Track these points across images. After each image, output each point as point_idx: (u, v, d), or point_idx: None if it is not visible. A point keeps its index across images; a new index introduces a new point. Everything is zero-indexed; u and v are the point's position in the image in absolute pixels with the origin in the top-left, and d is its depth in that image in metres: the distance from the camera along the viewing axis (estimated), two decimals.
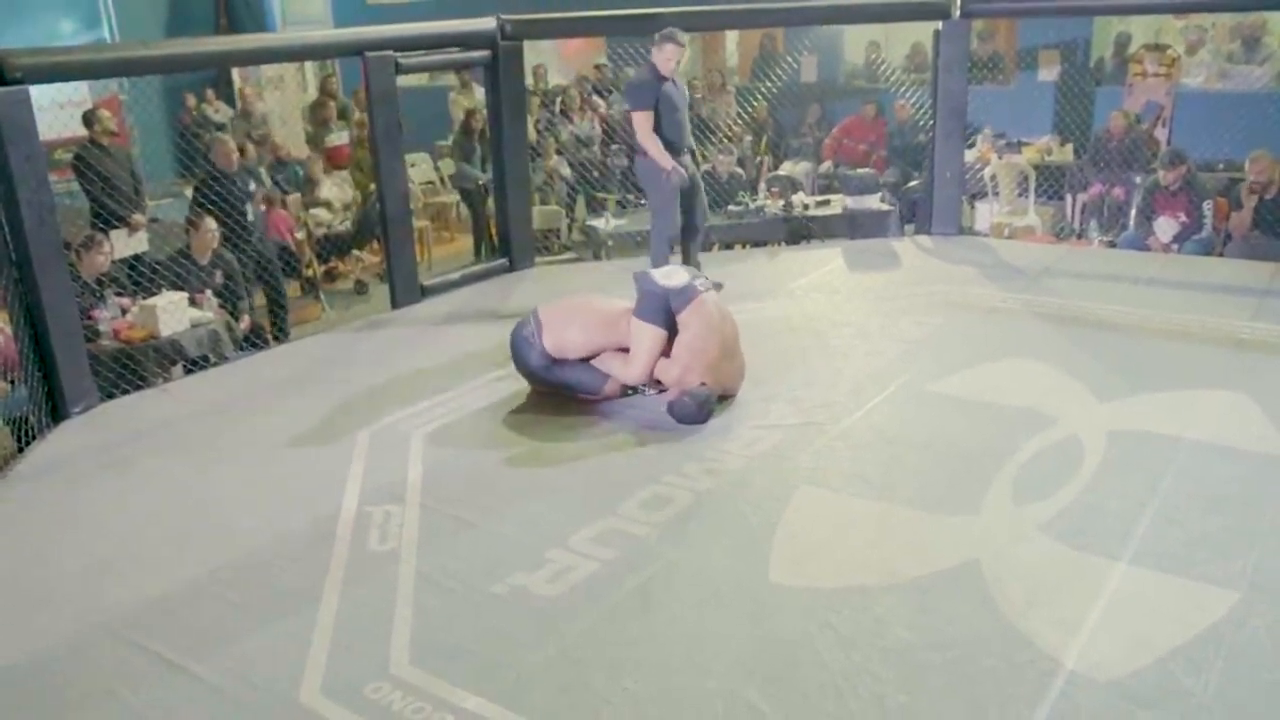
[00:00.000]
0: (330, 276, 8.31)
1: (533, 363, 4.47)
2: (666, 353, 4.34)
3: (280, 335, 6.49)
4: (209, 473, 4.01)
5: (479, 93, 8.98)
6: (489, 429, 4.32)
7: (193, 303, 5.74)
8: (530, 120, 8.06)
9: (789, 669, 2.72)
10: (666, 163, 5.59)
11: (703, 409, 4.20)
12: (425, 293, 6.21)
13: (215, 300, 5.94)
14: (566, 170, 9.03)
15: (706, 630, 2.89)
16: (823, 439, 4.07)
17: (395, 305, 6.09)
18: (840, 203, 7.76)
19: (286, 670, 2.77)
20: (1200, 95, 8.43)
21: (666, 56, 5.55)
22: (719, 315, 4.40)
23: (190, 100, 10.73)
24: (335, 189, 8.63)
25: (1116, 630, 2.81)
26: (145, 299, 5.60)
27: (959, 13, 6.81)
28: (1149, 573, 3.07)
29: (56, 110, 7.74)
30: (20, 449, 4.34)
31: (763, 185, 8.09)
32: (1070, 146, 8.50)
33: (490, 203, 7.68)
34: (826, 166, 8.97)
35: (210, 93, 11.04)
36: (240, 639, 2.92)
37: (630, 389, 4.49)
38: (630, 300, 4.42)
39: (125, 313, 5.58)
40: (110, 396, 4.85)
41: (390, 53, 5.74)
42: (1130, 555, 3.16)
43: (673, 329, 4.32)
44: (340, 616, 3.01)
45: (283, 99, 11.74)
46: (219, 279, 6.11)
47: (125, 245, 5.98)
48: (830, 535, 3.38)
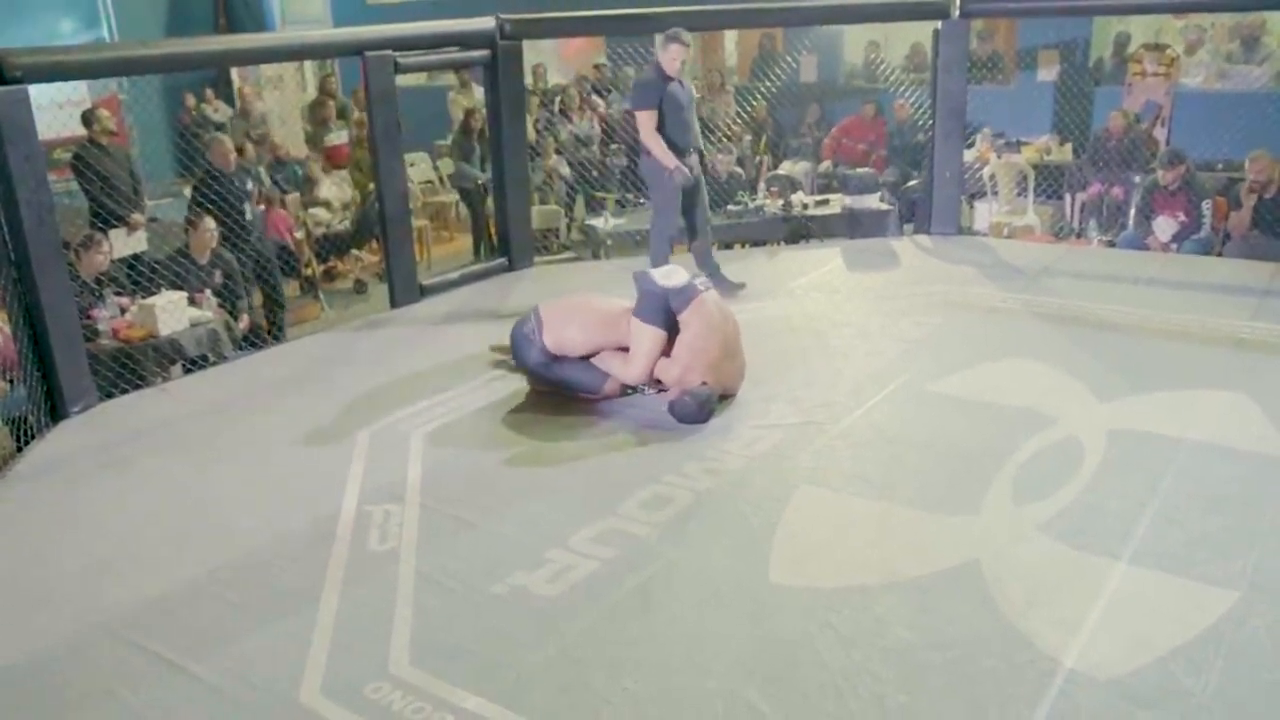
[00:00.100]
0: (329, 276, 8.31)
1: (533, 360, 4.47)
2: (667, 352, 4.33)
3: (277, 335, 6.47)
4: (208, 472, 4.01)
5: (478, 92, 8.97)
6: (489, 428, 4.32)
7: (192, 302, 5.74)
8: (529, 120, 8.05)
9: (789, 669, 2.72)
10: (669, 162, 5.58)
11: (704, 408, 4.20)
12: (424, 292, 6.22)
13: (214, 300, 5.94)
14: (566, 170, 9.03)
15: (706, 630, 2.89)
16: (823, 439, 4.07)
17: (394, 305, 6.09)
18: (839, 202, 7.76)
19: (286, 670, 2.77)
20: (1199, 95, 8.43)
21: (671, 56, 5.55)
22: (720, 315, 4.40)
23: (190, 100, 10.72)
24: (334, 188, 8.62)
25: (1116, 630, 2.81)
26: (144, 298, 5.60)
27: (958, 12, 6.81)
28: (1149, 572, 3.08)
29: (55, 110, 7.74)
30: (19, 449, 4.34)
31: (762, 185, 8.09)
32: (1069, 146, 8.50)
33: (489, 202, 7.68)
34: (826, 166, 8.97)
35: (210, 92, 11.03)
36: (240, 639, 2.92)
37: (630, 389, 4.49)
38: (630, 299, 4.42)
39: (124, 312, 5.57)
40: (109, 396, 4.85)
41: (389, 52, 5.74)
42: (1130, 555, 3.16)
43: (673, 329, 4.32)
44: (340, 616, 3.00)
45: (282, 98, 11.73)
46: (218, 278, 6.11)
47: (124, 245, 5.99)
48: (830, 535, 3.38)
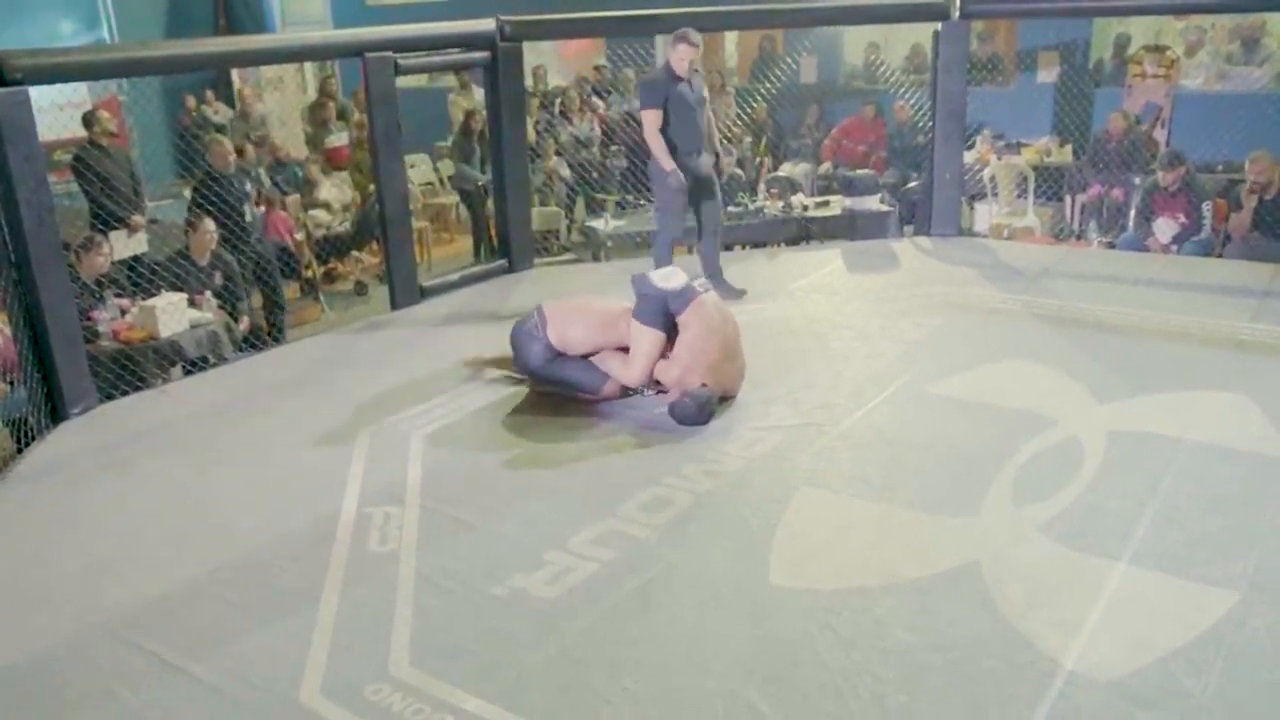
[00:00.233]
0: (330, 277, 8.30)
1: (535, 356, 4.46)
2: (666, 354, 4.34)
3: (277, 337, 6.48)
4: (208, 473, 4.01)
5: (478, 94, 8.97)
6: (488, 430, 4.32)
7: (192, 304, 5.73)
8: (530, 121, 8.05)
9: (789, 669, 2.71)
10: (666, 164, 5.59)
11: (703, 410, 4.20)
12: (424, 294, 6.22)
13: (214, 301, 5.94)
14: (566, 171, 9.03)
15: (706, 631, 2.89)
16: (823, 440, 4.07)
17: (395, 306, 6.09)
18: (840, 204, 7.77)
19: (286, 671, 2.77)
20: (1199, 96, 8.43)
21: (679, 56, 5.56)
22: (719, 316, 4.40)
23: (190, 101, 10.73)
24: (334, 190, 8.62)
25: (1116, 631, 2.81)
26: (144, 300, 5.59)
27: (958, 14, 6.82)
28: (1149, 573, 3.08)
29: (56, 111, 7.74)
30: (19, 450, 4.34)
31: (762, 186, 8.09)
32: (1069, 148, 8.50)
33: (489, 204, 7.68)
34: (826, 168, 8.97)
35: (210, 94, 11.04)
36: (240, 639, 2.92)
37: (630, 390, 4.49)
38: (631, 301, 4.42)
39: (124, 314, 5.57)
40: (109, 397, 4.85)
41: (390, 54, 5.75)
42: (1130, 556, 3.16)
43: (672, 331, 4.32)
44: (340, 617, 3.01)
45: (282, 100, 11.74)
46: (218, 280, 6.11)
47: (124, 246, 5.98)
48: (830, 536, 3.38)
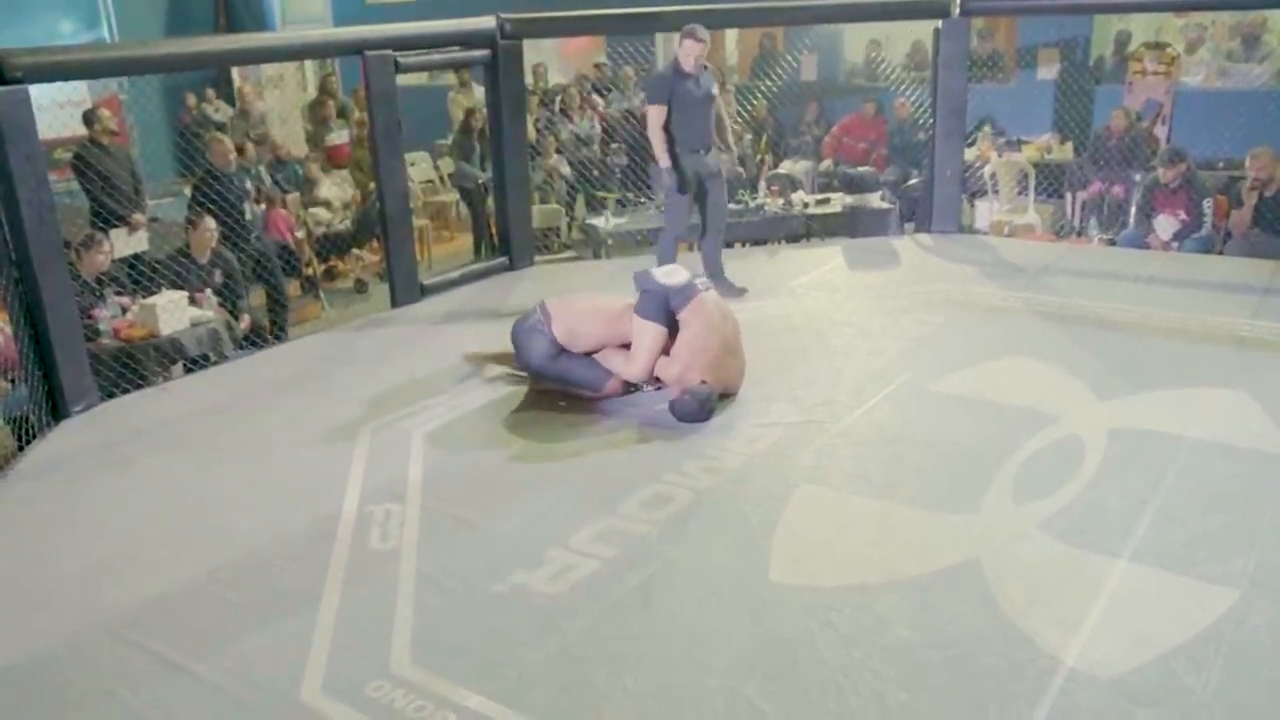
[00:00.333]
0: (330, 275, 8.30)
1: (540, 351, 4.44)
2: (667, 350, 4.34)
3: (279, 335, 6.48)
4: (209, 472, 4.02)
5: (478, 92, 8.97)
6: (489, 428, 4.32)
7: (193, 301, 5.74)
8: (530, 119, 8.05)
9: (789, 667, 2.72)
10: (663, 160, 5.63)
11: (704, 407, 4.20)
12: (425, 291, 6.22)
13: (215, 299, 5.94)
14: (566, 169, 9.02)
15: (707, 628, 2.89)
16: (823, 437, 4.07)
17: (395, 304, 6.09)
18: (840, 201, 7.76)
19: (287, 669, 2.77)
20: (1200, 93, 8.43)
21: (686, 52, 5.58)
22: (720, 314, 4.40)
23: (190, 99, 10.73)
24: (335, 188, 8.62)
25: (1117, 628, 2.81)
26: (145, 298, 5.60)
27: (959, 11, 6.81)
28: (1150, 571, 3.07)
29: (56, 110, 7.74)
30: (21, 448, 4.34)
31: (762, 183, 8.09)
32: (1070, 145, 8.49)
33: (490, 202, 7.68)
34: (827, 165, 8.97)
35: (210, 92, 11.04)
36: (241, 638, 2.92)
37: (631, 386, 4.50)
38: (633, 298, 4.42)
39: (125, 312, 5.57)
40: (110, 395, 4.85)
41: (390, 52, 5.74)
42: (1131, 553, 3.16)
43: (673, 327, 4.33)
44: (341, 615, 3.01)
45: (282, 98, 11.73)
46: (218, 278, 6.11)
47: (125, 244, 5.98)
48: (831, 534, 3.38)
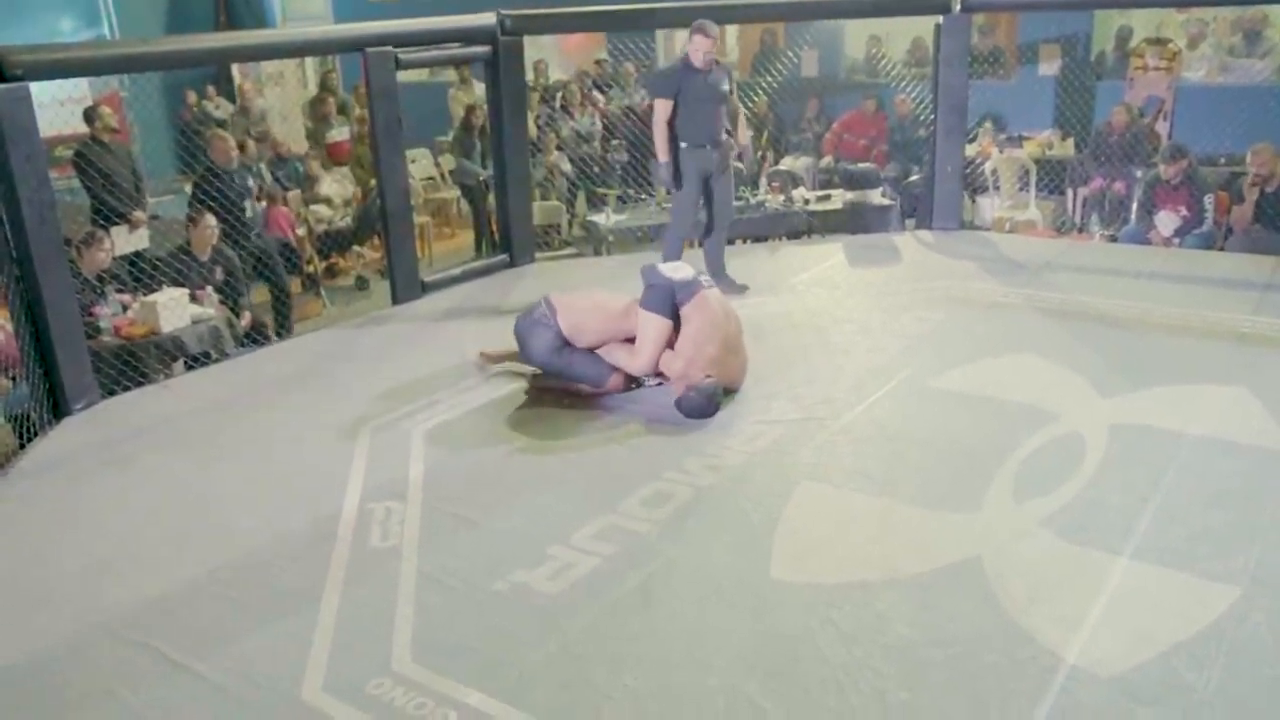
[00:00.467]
0: (331, 272, 8.31)
1: (544, 345, 4.44)
2: (672, 345, 4.35)
3: (284, 331, 6.50)
4: (210, 470, 4.02)
5: (479, 88, 8.96)
6: (490, 425, 4.32)
7: (194, 299, 5.74)
8: (530, 116, 8.04)
9: (790, 665, 2.72)
10: (661, 155, 5.68)
11: (711, 402, 4.21)
12: (426, 288, 6.22)
13: (216, 296, 5.94)
14: (567, 166, 9.02)
15: (707, 626, 2.89)
16: (824, 434, 4.07)
17: (396, 301, 6.09)
18: (841, 197, 7.75)
19: (288, 668, 2.77)
20: (1201, 89, 8.41)
21: (694, 48, 5.60)
22: (722, 311, 4.41)
23: (191, 97, 10.72)
24: (336, 185, 8.61)
25: (1118, 626, 2.81)
26: (146, 295, 5.60)
27: (960, 7, 6.79)
28: (1151, 568, 3.07)
29: (57, 107, 7.74)
30: (22, 446, 4.35)
31: (763, 180, 8.08)
32: (1071, 141, 8.48)
33: (491, 198, 7.67)
34: (827, 161, 8.95)
35: (211, 89, 11.03)
36: (241, 637, 2.92)
37: (633, 383, 4.50)
38: (636, 294, 4.43)
39: (126, 309, 5.57)
40: (111, 393, 4.86)
41: (390, 48, 5.74)
42: (1132, 550, 3.16)
43: (678, 321, 4.34)
44: (342, 614, 3.01)
45: (283, 95, 11.72)
46: (219, 275, 6.11)
47: (126, 242, 5.98)
48: (831, 531, 3.38)
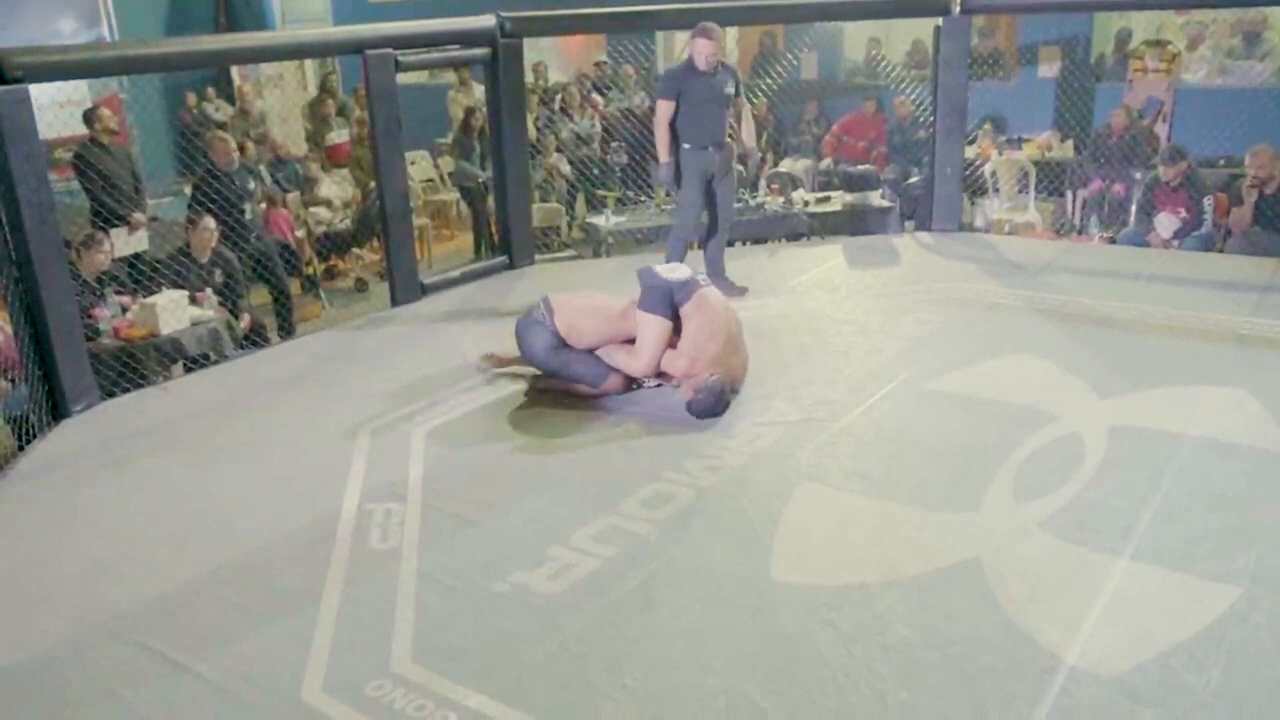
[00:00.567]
0: (330, 274, 8.31)
1: (541, 344, 4.44)
2: (672, 345, 4.35)
3: (287, 331, 6.51)
4: (209, 471, 4.01)
5: (477, 90, 8.96)
6: (490, 426, 4.32)
7: (193, 301, 5.74)
8: (530, 118, 8.05)
9: (790, 665, 2.72)
10: (661, 156, 5.74)
11: (720, 400, 4.22)
12: (425, 290, 6.22)
13: (215, 298, 5.94)
14: (566, 168, 9.03)
15: (707, 627, 2.89)
16: (823, 436, 4.07)
17: (395, 303, 6.09)
18: (840, 199, 7.76)
19: (288, 669, 2.77)
20: (1201, 91, 8.42)
21: (696, 51, 5.63)
22: (722, 309, 4.42)
23: (191, 98, 10.73)
24: (335, 187, 8.62)
25: (1118, 627, 2.81)
26: (145, 297, 5.60)
27: (959, 9, 6.80)
28: (1150, 569, 3.07)
29: (56, 109, 7.75)
30: (21, 447, 4.34)
31: (763, 182, 8.09)
32: (1070, 143, 8.49)
33: (490, 200, 7.68)
34: (827, 163, 8.96)
35: (211, 91, 11.04)
36: (241, 638, 2.92)
37: (633, 383, 4.50)
38: (635, 296, 4.43)
39: (125, 311, 5.57)
40: (111, 395, 4.85)
41: (390, 50, 5.74)
42: (1131, 551, 3.16)
43: (676, 322, 4.34)
44: (341, 615, 3.01)
45: (283, 97, 11.73)
46: (219, 277, 6.11)
47: (125, 244, 5.98)
48: (831, 532, 3.38)
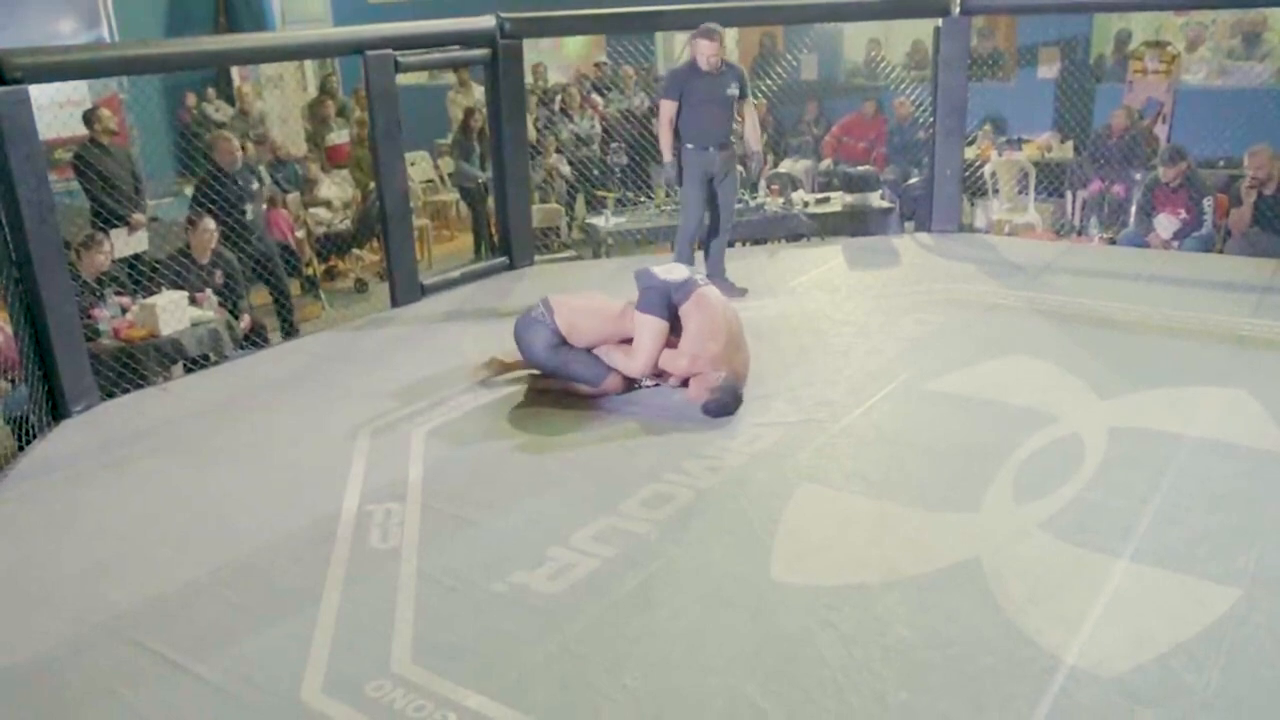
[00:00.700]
0: (330, 275, 8.31)
1: (541, 343, 4.44)
2: (673, 345, 4.35)
3: (289, 331, 6.51)
4: (209, 472, 4.02)
5: (478, 91, 8.97)
6: (489, 427, 4.32)
7: (193, 302, 5.74)
8: (530, 118, 8.05)
9: (790, 666, 2.72)
10: (664, 155, 5.77)
11: (734, 397, 4.24)
12: (425, 291, 6.22)
13: (215, 299, 5.94)
14: (566, 168, 9.03)
15: (707, 627, 2.90)
16: (823, 437, 4.07)
17: (395, 304, 6.09)
18: (840, 200, 7.76)
19: (288, 669, 2.77)
20: (1200, 92, 8.43)
21: (698, 51, 5.65)
22: (722, 307, 4.41)
23: (191, 99, 10.73)
24: (335, 188, 8.62)
25: (1118, 627, 2.81)
26: (145, 298, 5.60)
27: (959, 10, 6.80)
28: (1150, 570, 3.07)
29: (56, 110, 7.75)
30: (21, 448, 4.34)
31: (762, 182, 8.08)
32: (1070, 143, 8.49)
33: (490, 201, 7.68)
34: (827, 164, 8.96)
35: (211, 91, 11.04)
36: (241, 638, 2.92)
37: (632, 384, 4.50)
38: (633, 297, 4.44)
39: (125, 312, 5.57)
40: (110, 395, 4.85)
41: (390, 51, 5.74)
42: (1131, 552, 3.16)
43: (675, 322, 4.34)
44: (341, 615, 3.01)
45: (283, 98, 11.73)
46: (219, 278, 6.11)
47: (125, 244, 5.99)
48: (831, 533, 3.38)
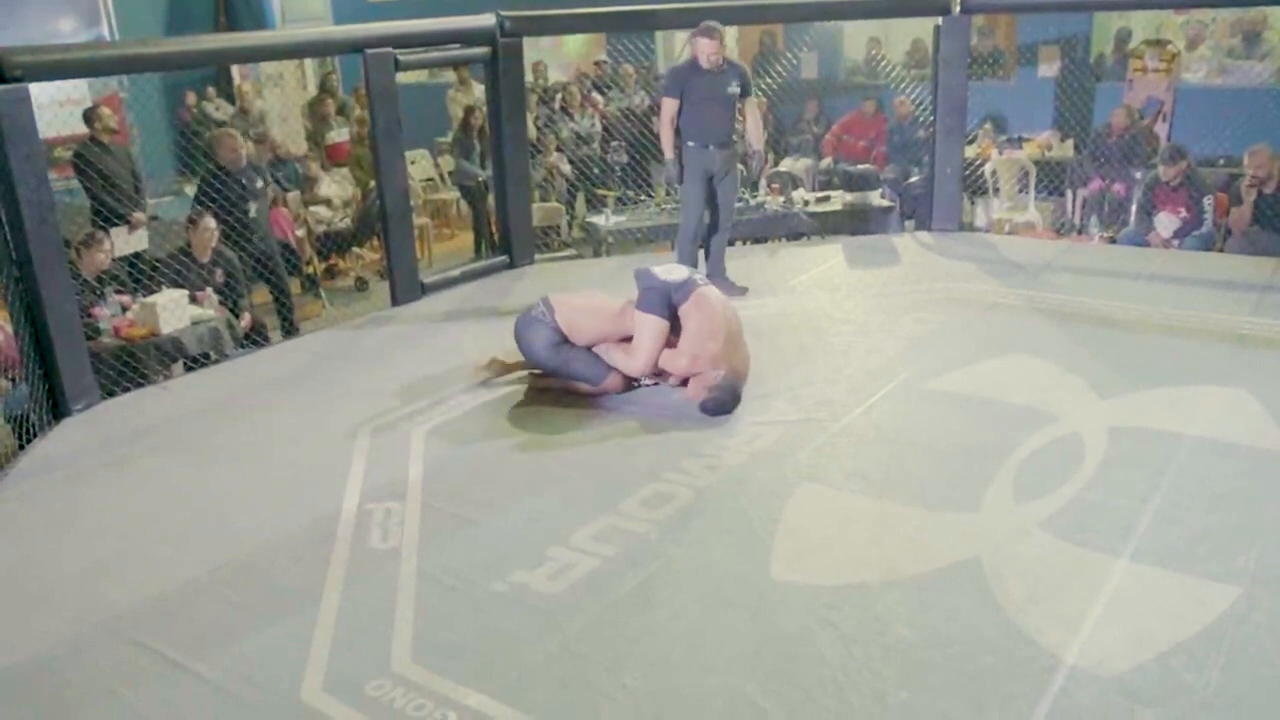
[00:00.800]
0: (330, 274, 8.31)
1: (541, 342, 4.44)
2: (673, 344, 4.35)
3: (289, 330, 6.51)
4: (209, 471, 4.02)
5: (478, 89, 8.97)
6: (490, 426, 4.32)
7: (193, 300, 5.74)
8: (530, 117, 8.05)
9: (790, 665, 2.72)
10: (665, 152, 5.79)
11: (733, 395, 4.24)
12: (425, 290, 6.22)
13: (216, 298, 5.94)
14: (566, 167, 9.03)
15: (707, 627, 2.90)
16: (823, 436, 4.07)
17: (396, 302, 6.09)
18: (840, 199, 7.76)
19: (288, 668, 2.77)
20: (1200, 91, 8.42)
21: (698, 50, 5.66)
22: (721, 307, 4.42)
23: (191, 98, 10.73)
24: (335, 186, 8.62)
25: (1118, 626, 2.81)
26: (146, 297, 5.60)
27: (959, 8, 6.80)
28: (1150, 569, 3.07)
29: (56, 108, 7.75)
30: (21, 447, 4.34)
31: (763, 181, 8.08)
32: (1070, 142, 8.49)
33: (490, 200, 7.68)
34: (827, 163, 8.96)
35: (211, 90, 11.03)
36: (241, 637, 2.92)
37: (632, 383, 4.51)
38: (633, 296, 4.44)
39: (126, 310, 5.57)
40: (111, 394, 4.85)
41: (390, 50, 5.74)
42: (1131, 551, 3.16)
43: (675, 322, 4.34)
44: (341, 614, 3.01)
45: (283, 96, 11.73)
46: (219, 277, 6.11)
47: (125, 243, 5.99)
48: (831, 532, 3.38)
